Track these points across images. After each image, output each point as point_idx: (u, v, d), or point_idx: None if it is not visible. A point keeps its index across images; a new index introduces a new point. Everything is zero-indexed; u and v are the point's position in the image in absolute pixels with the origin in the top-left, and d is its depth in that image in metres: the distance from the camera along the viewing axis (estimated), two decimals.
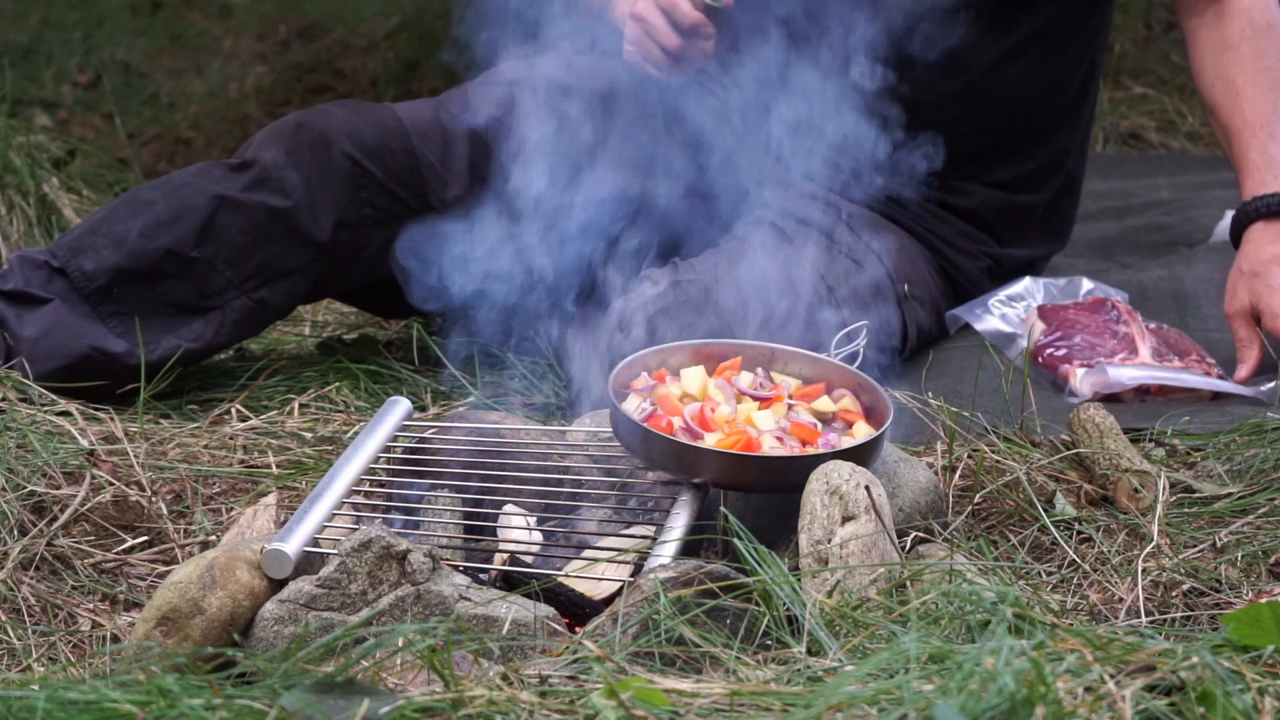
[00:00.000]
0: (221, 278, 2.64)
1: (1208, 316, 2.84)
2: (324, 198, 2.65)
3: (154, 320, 2.63)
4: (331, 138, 2.67)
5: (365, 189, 2.67)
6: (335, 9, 5.42)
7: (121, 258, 2.61)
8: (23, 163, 3.38)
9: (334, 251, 2.67)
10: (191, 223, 2.62)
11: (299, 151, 2.66)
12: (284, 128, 2.71)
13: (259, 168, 2.66)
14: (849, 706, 1.43)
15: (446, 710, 1.47)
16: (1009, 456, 2.23)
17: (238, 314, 2.66)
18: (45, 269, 2.63)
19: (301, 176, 2.65)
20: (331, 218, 2.65)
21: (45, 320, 2.58)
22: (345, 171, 2.66)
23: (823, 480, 1.90)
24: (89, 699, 1.47)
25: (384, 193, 2.68)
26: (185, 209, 2.63)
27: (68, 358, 2.57)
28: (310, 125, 2.69)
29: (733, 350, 2.21)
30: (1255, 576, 1.99)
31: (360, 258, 2.69)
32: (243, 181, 2.65)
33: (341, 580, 1.78)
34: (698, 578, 1.73)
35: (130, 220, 2.63)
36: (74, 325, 2.59)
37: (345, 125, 2.69)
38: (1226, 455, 2.31)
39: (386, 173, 2.68)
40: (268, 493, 2.26)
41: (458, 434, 2.18)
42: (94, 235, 2.63)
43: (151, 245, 2.62)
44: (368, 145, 2.67)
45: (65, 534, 2.16)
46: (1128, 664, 1.49)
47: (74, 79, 5.03)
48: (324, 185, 2.65)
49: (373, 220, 2.68)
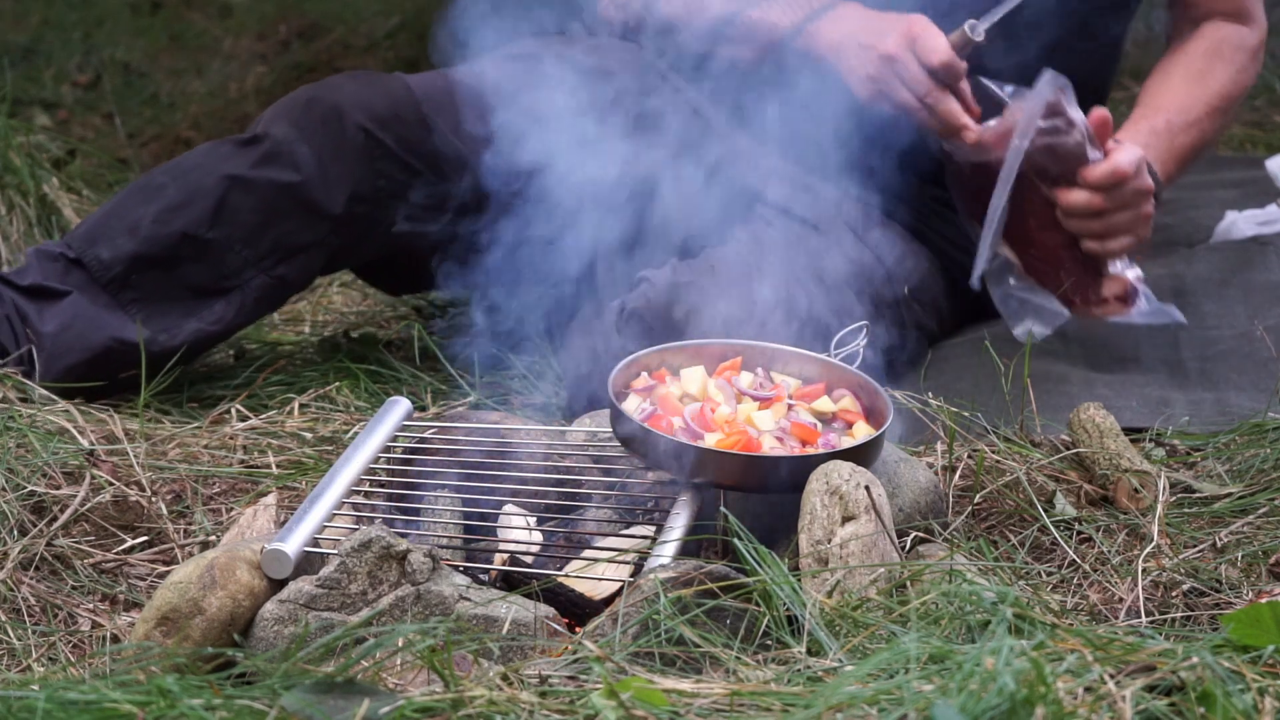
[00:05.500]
0: (238, 257, 2.63)
1: (1207, 315, 2.84)
2: (338, 170, 2.64)
3: (174, 305, 2.62)
4: (344, 110, 2.65)
5: (380, 160, 2.66)
6: (335, 9, 5.42)
7: (137, 244, 2.61)
8: (23, 163, 3.38)
9: (349, 224, 2.66)
10: (203, 205, 2.62)
11: (311, 125, 2.65)
12: (294, 102, 2.70)
13: (269, 142, 2.65)
14: (849, 706, 1.43)
15: (446, 710, 1.47)
16: (1009, 456, 2.23)
17: (257, 292, 2.66)
18: (61, 260, 2.63)
19: (313, 150, 2.64)
20: (345, 191, 2.64)
21: (65, 314, 2.58)
22: (359, 143, 2.65)
23: (823, 480, 1.90)
24: (89, 699, 1.47)
25: (399, 163, 2.67)
26: (196, 191, 2.63)
27: (89, 351, 2.57)
28: (321, 99, 2.68)
29: (733, 350, 2.21)
30: (1255, 576, 1.99)
31: (376, 230, 2.68)
32: (252, 158, 2.64)
33: (341, 580, 1.78)
34: (698, 578, 1.73)
35: (143, 206, 2.63)
36: (94, 317, 2.58)
37: (357, 96, 2.68)
38: (1226, 455, 2.31)
39: (400, 143, 2.67)
40: (268, 493, 2.26)
41: (458, 434, 2.18)
42: (108, 224, 2.63)
43: (166, 230, 2.61)
44: (380, 116, 2.66)
45: (65, 534, 2.15)
46: (1128, 664, 1.49)
47: (74, 79, 5.03)
48: (338, 158, 2.64)
49: (389, 192, 2.67)
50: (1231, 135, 4.38)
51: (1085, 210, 2.53)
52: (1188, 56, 2.86)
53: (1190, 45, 2.88)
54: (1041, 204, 2.59)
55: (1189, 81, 2.82)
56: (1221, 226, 3.29)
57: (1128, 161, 2.51)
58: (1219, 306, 2.85)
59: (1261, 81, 4.65)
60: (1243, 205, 3.42)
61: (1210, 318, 2.83)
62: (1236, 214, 3.32)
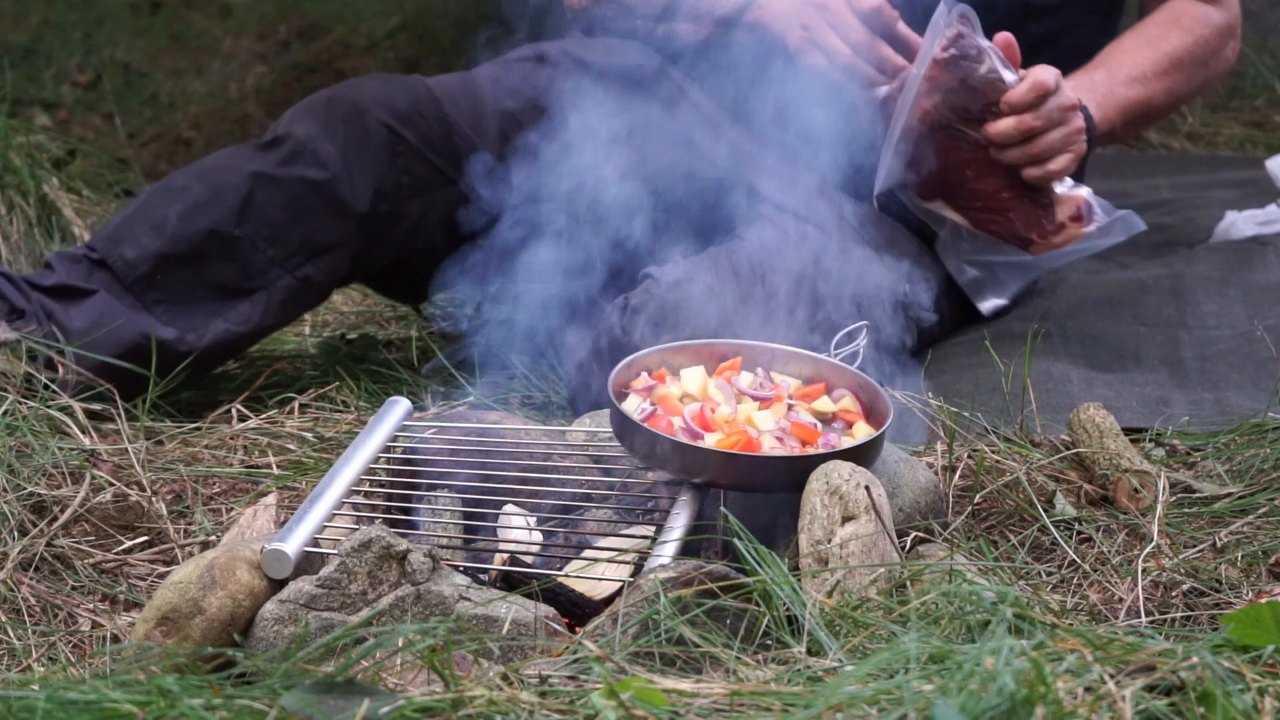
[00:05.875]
0: (264, 257, 2.63)
1: (1207, 314, 2.84)
2: (362, 167, 2.64)
3: (200, 305, 2.61)
4: (365, 107, 2.66)
5: (402, 156, 2.67)
6: (335, 9, 5.42)
7: (162, 243, 2.60)
8: (23, 163, 3.38)
9: (374, 223, 2.66)
10: (230, 202, 2.61)
11: (333, 124, 2.66)
12: (315, 102, 2.71)
13: (292, 142, 2.65)
14: (849, 706, 1.43)
15: (446, 710, 1.47)
16: (1009, 456, 2.23)
17: (282, 293, 2.65)
18: (85, 262, 2.61)
19: (337, 148, 2.64)
20: (371, 187, 2.65)
21: (93, 311, 2.56)
22: (382, 139, 2.66)
23: (823, 480, 1.90)
24: (89, 699, 1.47)
25: (420, 160, 2.68)
26: (222, 189, 2.62)
27: (118, 348, 2.54)
28: (342, 98, 2.69)
29: (733, 350, 2.21)
30: (1255, 576, 1.99)
31: (397, 229, 2.69)
32: (276, 157, 2.64)
33: (341, 580, 1.78)
34: (698, 578, 1.73)
35: (167, 206, 2.62)
36: (122, 314, 2.57)
37: (378, 94, 2.69)
38: (1226, 455, 2.31)
39: (422, 139, 2.68)
40: (268, 493, 2.26)
41: (458, 434, 2.18)
42: (132, 224, 2.62)
43: (192, 228, 2.60)
44: (401, 112, 2.67)
45: (65, 534, 2.16)
46: (1128, 664, 1.49)
47: (74, 79, 5.03)
48: (361, 154, 2.64)
49: (411, 189, 2.67)
50: (1231, 135, 4.38)
51: (1017, 135, 2.52)
52: (1144, 25, 2.88)
53: (1150, 16, 2.91)
54: (973, 150, 2.57)
55: (1139, 43, 2.82)
56: (1221, 226, 3.30)
57: (1046, 75, 2.50)
58: (1219, 306, 2.85)
59: (1262, 81, 4.66)
60: (1243, 205, 3.43)
61: (1210, 318, 2.83)
62: (1236, 214, 3.32)
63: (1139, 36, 2.85)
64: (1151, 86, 2.78)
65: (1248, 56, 4.56)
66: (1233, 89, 4.64)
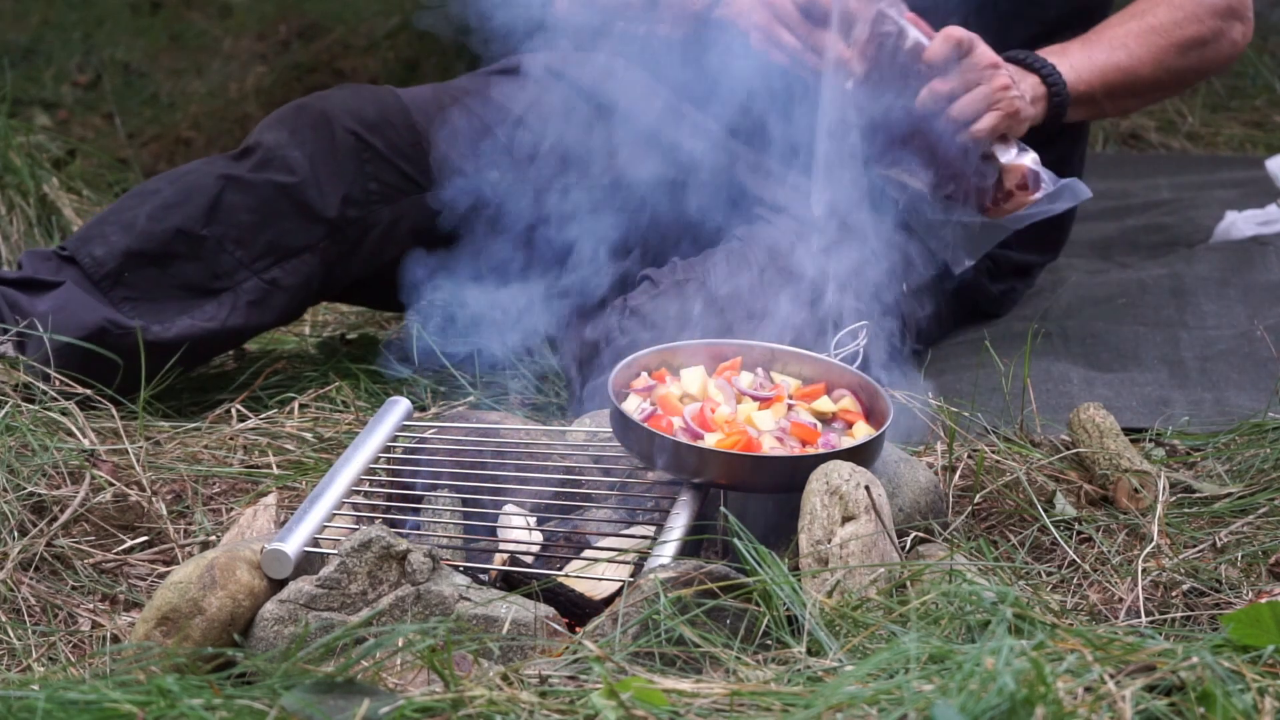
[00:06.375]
0: (231, 258, 2.64)
1: (1207, 314, 2.84)
2: (329, 173, 2.66)
3: (166, 303, 2.62)
4: (332, 115, 2.69)
5: (370, 163, 2.68)
6: (335, 9, 5.42)
7: (131, 240, 2.61)
8: (23, 163, 3.38)
9: (343, 229, 2.67)
10: (199, 202, 2.63)
11: (301, 131, 2.68)
12: (284, 112, 2.74)
13: (263, 150, 2.67)
14: (849, 706, 1.43)
15: (446, 710, 1.47)
16: (1009, 456, 2.23)
17: (250, 295, 2.66)
18: (54, 259, 2.63)
19: (305, 155, 2.66)
20: (339, 193, 2.66)
21: (58, 298, 2.57)
22: (349, 146, 2.68)
23: (823, 480, 1.90)
24: (89, 699, 1.47)
25: (389, 167, 2.70)
26: (192, 190, 2.64)
27: (82, 330, 2.54)
28: (311, 106, 2.72)
29: (733, 350, 2.21)
30: (1255, 576, 1.99)
31: (368, 238, 2.70)
32: (248, 164, 2.67)
33: (341, 580, 1.78)
34: (698, 578, 1.73)
35: (138, 207, 2.65)
36: (87, 302, 2.58)
37: (345, 104, 2.72)
38: (1226, 455, 2.31)
39: (390, 147, 2.70)
40: (268, 493, 2.26)
41: (458, 434, 2.18)
42: (102, 225, 2.65)
43: (160, 226, 2.62)
44: (369, 120, 2.70)
45: (65, 534, 2.15)
46: (1128, 664, 1.49)
47: (74, 79, 5.03)
48: (329, 161, 2.66)
49: (379, 196, 2.69)
50: (1231, 135, 4.38)
51: (939, 96, 2.51)
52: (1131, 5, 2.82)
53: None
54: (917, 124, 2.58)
55: (1120, 17, 2.77)
56: (1221, 226, 3.30)
57: (957, 31, 2.49)
58: (1219, 306, 2.85)
59: (1262, 81, 4.66)
60: (1243, 205, 3.43)
61: (1210, 318, 2.83)
62: (1236, 214, 3.32)
63: (1122, 13, 2.81)
64: (1134, 53, 2.72)
65: (1248, 56, 4.56)
66: (1233, 89, 4.64)
